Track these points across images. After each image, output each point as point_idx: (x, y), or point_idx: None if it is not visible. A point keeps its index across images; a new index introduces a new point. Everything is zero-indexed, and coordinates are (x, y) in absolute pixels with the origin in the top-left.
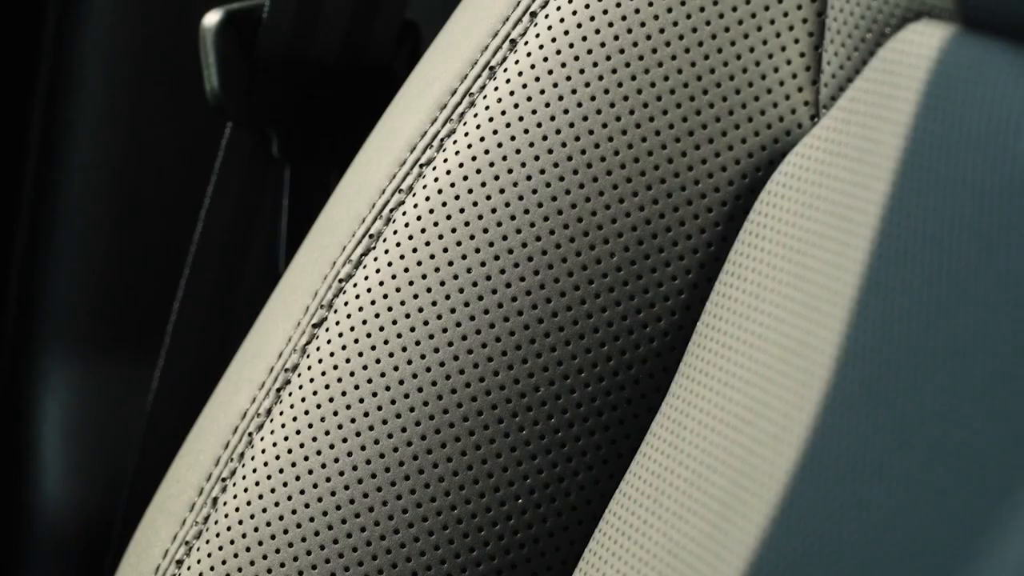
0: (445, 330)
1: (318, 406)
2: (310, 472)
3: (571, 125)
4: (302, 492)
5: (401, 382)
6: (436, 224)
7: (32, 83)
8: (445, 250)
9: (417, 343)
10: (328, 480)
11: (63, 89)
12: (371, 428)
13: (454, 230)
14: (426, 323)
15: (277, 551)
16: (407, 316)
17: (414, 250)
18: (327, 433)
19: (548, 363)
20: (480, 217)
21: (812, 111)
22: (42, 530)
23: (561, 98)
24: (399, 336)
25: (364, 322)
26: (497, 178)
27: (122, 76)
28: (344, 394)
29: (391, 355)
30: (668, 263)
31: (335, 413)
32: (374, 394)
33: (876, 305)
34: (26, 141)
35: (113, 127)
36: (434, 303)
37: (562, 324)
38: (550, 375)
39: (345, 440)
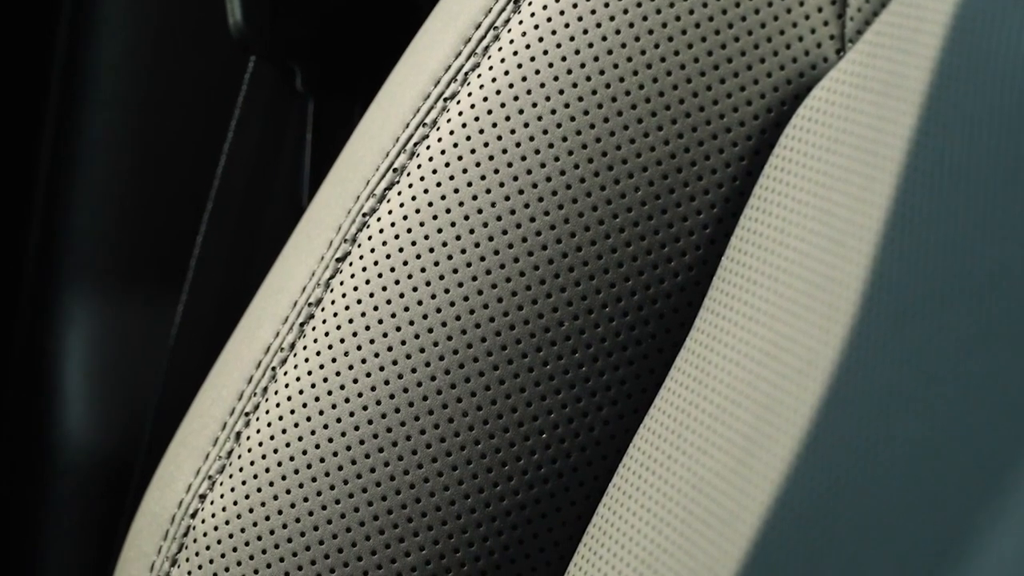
0: (469, 264)
1: (342, 340)
2: (334, 406)
3: (595, 59)
4: (326, 426)
5: (425, 316)
6: (460, 158)
7: (54, 20)
8: (469, 184)
9: (441, 277)
10: (352, 414)
11: (85, 25)
12: (395, 363)
13: (478, 164)
14: (450, 257)
15: (301, 485)
16: (431, 250)
17: (438, 184)
18: (351, 367)
19: (572, 298)
20: (504, 151)
21: (838, 45)
22: (64, 466)
23: (586, 32)
24: (423, 270)
25: (388, 256)
26: (521, 112)
27: (145, 10)
28: (368, 328)
29: (415, 289)
30: (693, 197)
31: (359, 347)
32: (398, 328)
33: (902, 239)
34: (47, 78)
35: (136, 61)
36: (458, 237)
37: (586, 259)
38: (574, 310)
39: (369, 375)
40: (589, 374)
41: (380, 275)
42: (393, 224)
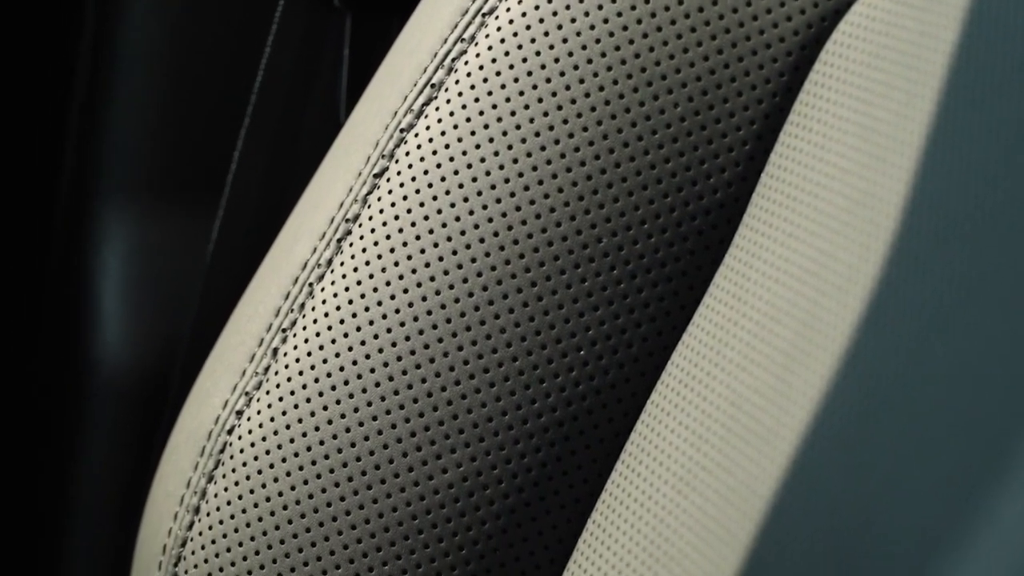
0: (507, 180)
1: (379, 256)
2: (371, 323)
3: None
4: (363, 342)
5: (463, 232)
6: (498, 74)
7: None
8: (507, 100)
9: (479, 193)
10: (389, 331)
11: None
12: (432, 279)
13: (516, 80)
14: (488, 173)
15: (338, 401)
16: (468, 167)
17: (476, 100)
18: (388, 283)
19: (610, 214)
20: (543, 67)
21: None
22: (101, 382)
23: None
24: (460, 187)
25: (425, 172)
26: (560, 27)
27: None
28: (405, 244)
29: (452, 205)
30: (733, 113)
31: (396, 263)
32: (435, 244)
33: (943, 155)
34: None
35: None
36: (496, 153)
37: (625, 175)
38: (612, 226)
39: (406, 291)
40: (627, 291)
41: (417, 191)
42: (431, 140)
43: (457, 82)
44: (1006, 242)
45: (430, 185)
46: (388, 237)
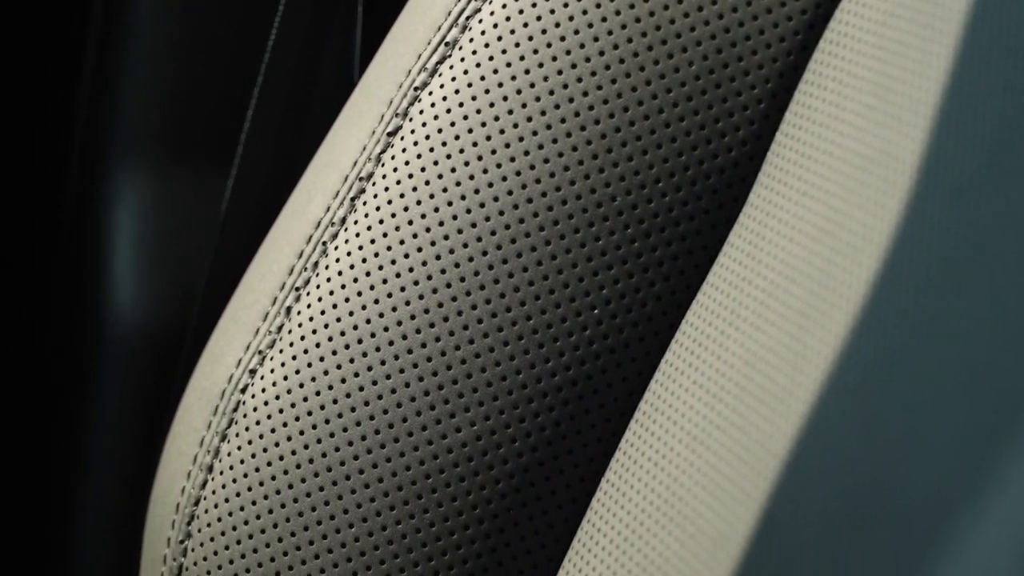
0: (521, 139)
1: (393, 215)
2: (385, 281)
3: None
4: (377, 301)
5: (476, 191)
6: (512, 32)
7: None
8: (521, 58)
9: (493, 152)
10: (403, 289)
11: None
12: (446, 238)
13: (530, 38)
14: (501, 132)
15: (352, 360)
16: (482, 125)
17: (490, 58)
18: (402, 242)
19: (625, 173)
20: (557, 25)
21: None
22: (114, 342)
23: None
24: (474, 145)
25: (439, 130)
26: None
27: None
28: (419, 202)
29: (466, 164)
30: (747, 72)
31: (410, 222)
32: (449, 203)
33: (958, 114)
34: None
35: None
36: (510, 112)
37: (639, 134)
38: (627, 185)
39: (420, 249)
40: (642, 249)
41: (431, 149)
42: (444, 98)
43: (471, 40)
44: (1021, 198)
45: (444, 144)
46: (402, 196)
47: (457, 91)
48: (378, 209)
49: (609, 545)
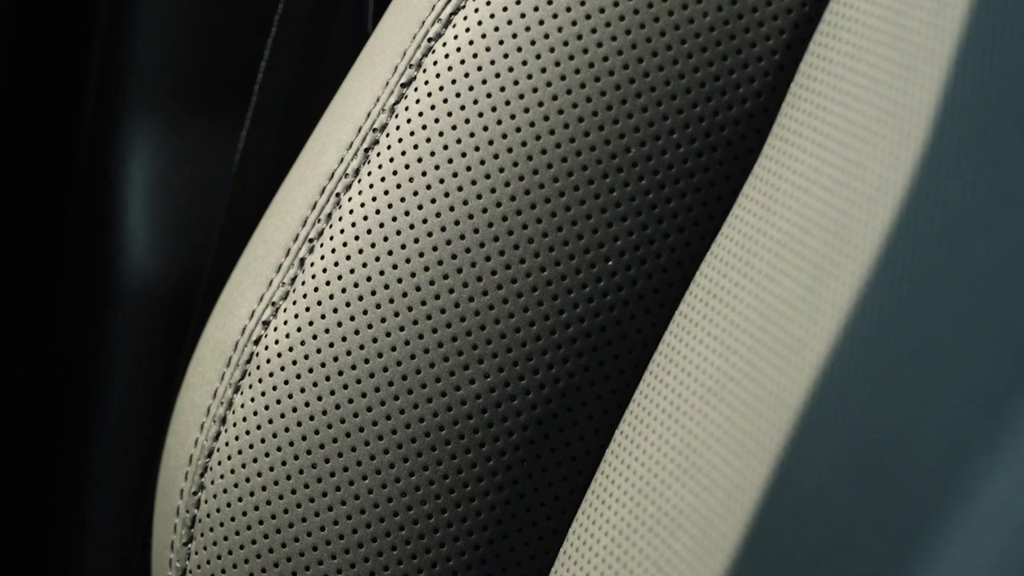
0: (535, 90)
1: (407, 166)
2: (398, 232)
3: None
4: (390, 252)
5: (490, 142)
6: None
7: None
8: (536, 8)
9: (507, 103)
10: (416, 240)
11: None
12: (459, 189)
13: None
14: (515, 83)
15: (365, 311)
16: (496, 76)
17: (504, 9)
18: (415, 193)
19: (640, 124)
20: None
21: None
22: (128, 294)
23: None
24: (488, 96)
25: (453, 81)
26: None
27: None
28: (433, 154)
29: (480, 115)
30: (761, 23)
31: (424, 173)
32: (463, 154)
33: (973, 64)
34: None
35: None
36: (524, 63)
37: (654, 84)
38: (642, 136)
39: (434, 200)
40: (656, 201)
41: (445, 100)
42: (458, 49)
43: None
44: None
45: (458, 95)
46: (415, 147)
47: (471, 43)
48: (392, 160)
49: (623, 497)
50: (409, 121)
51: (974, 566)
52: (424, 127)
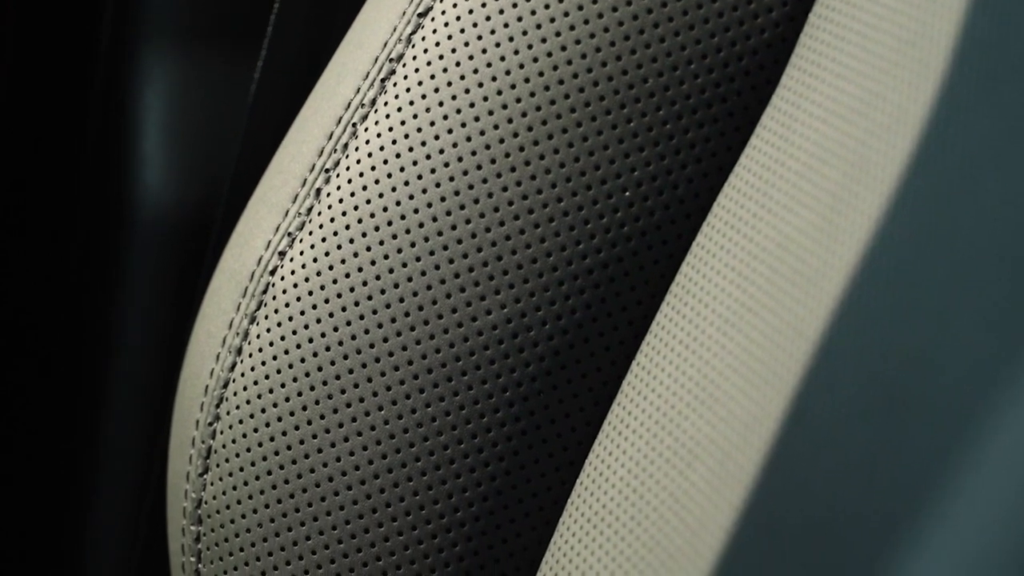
0: (552, 20)
1: (423, 96)
2: (415, 163)
3: None
4: (407, 183)
5: (507, 72)
6: None
7: None
8: None
9: (524, 33)
10: (433, 171)
11: None
12: (476, 119)
13: None
14: (533, 12)
15: (381, 242)
16: (514, 5)
17: None
18: (432, 124)
19: (658, 53)
20: None
21: None
22: (144, 225)
23: None
24: (505, 26)
25: (470, 11)
26: None
27: None
28: (450, 84)
29: (497, 45)
30: None
31: (440, 104)
32: (480, 84)
33: None
34: None
35: None
36: None
37: (671, 15)
38: (660, 65)
39: (450, 131)
40: (675, 131)
41: (462, 30)
42: None
43: None
44: None
45: (475, 24)
46: (432, 77)
47: None
48: (408, 90)
49: (640, 428)
50: (426, 51)
51: (999, 489)
52: (441, 57)
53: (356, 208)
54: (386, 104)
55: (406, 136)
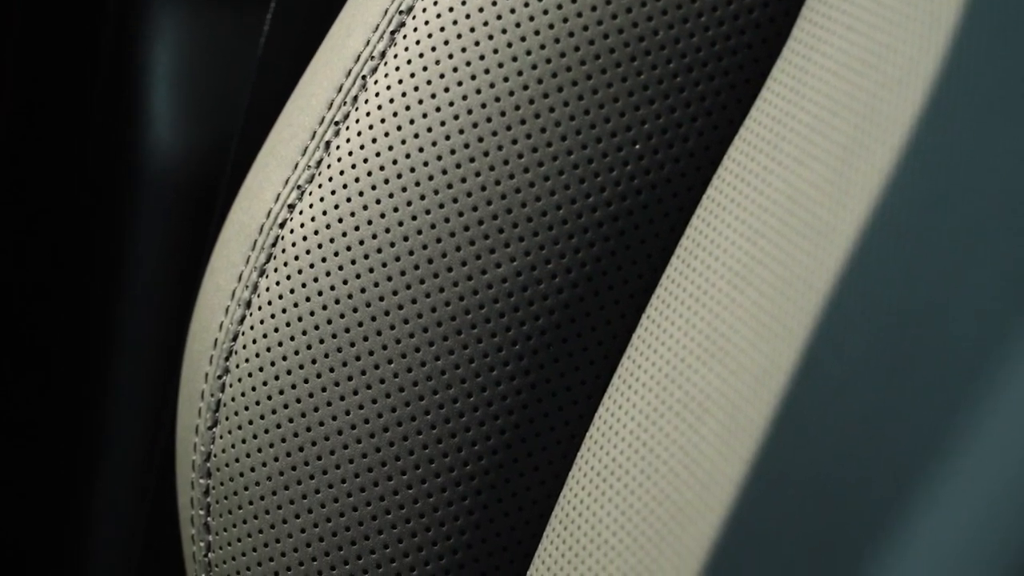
0: None
1: (433, 48)
2: (425, 116)
3: None
4: (416, 136)
5: (518, 24)
6: None
7: None
8: None
9: None
10: (443, 124)
11: None
12: (487, 71)
13: None
14: None
15: (391, 195)
16: None
17: None
18: (442, 76)
19: (667, 6)
20: None
21: None
22: (153, 176)
23: None
24: None
25: None
26: None
27: None
28: (460, 36)
29: None
30: None
31: (450, 56)
32: (490, 37)
33: None
34: None
35: None
36: None
37: None
38: (670, 19)
39: (460, 83)
40: (683, 85)
41: None
42: None
43: None
44: None
45: None
46: (442, 29)
47: None
48: (418, 43)
49: (650, 381)
50: (436, 3)
51: (1010, 443)
52: (451, 8)
53: (366, 161)
54: (396, 56)
55: (416, 88)
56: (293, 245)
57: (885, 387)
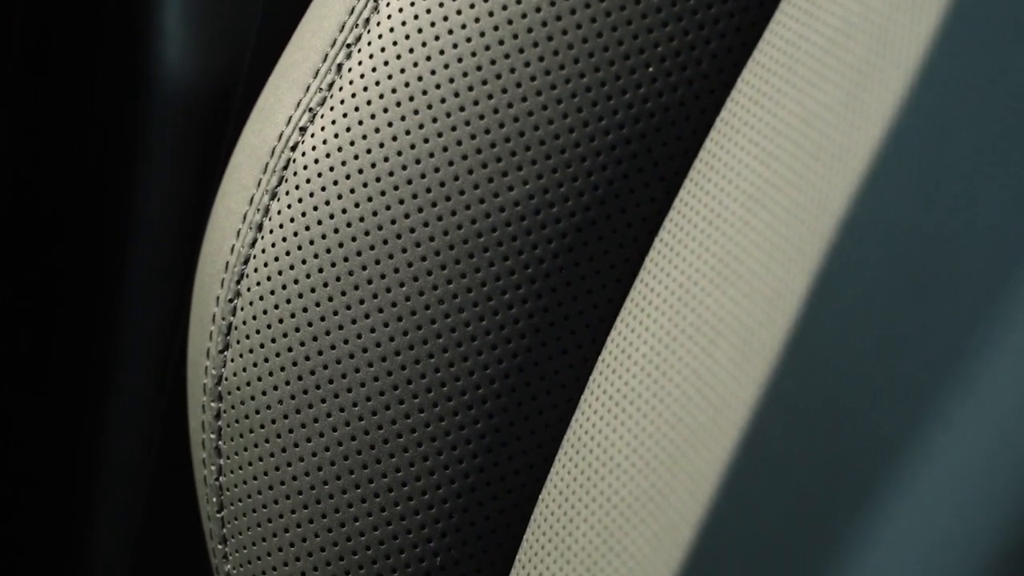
0: None
1: None
2: (437, 38)
3: None
4: (429, 58)
5: None
6: None
7: None
8: None
9: None
10: (455, 46)
11: None
12: (490, 13)
13: None
14: None
15: (403, 117)
16: None
17: None
18: None
19: None
20: None
21: None
22: (163, 100)
23: None
24: None
25: None
26: None
27: None
28: None
29: None
30: None
31: None
32: None
33: None
34: None
35: None
36: None
37: None
38: None
39: (473, 5)
40: (697, 7)
41: None
42: None
43: None
44: None
45: None
46: None
47: None
48: None
49: (663, 305)
50: None
51: None
52: None
53: (378, 84)
54: None
55: (428, 11)
56: (305, 168)
57: (897, 311)
